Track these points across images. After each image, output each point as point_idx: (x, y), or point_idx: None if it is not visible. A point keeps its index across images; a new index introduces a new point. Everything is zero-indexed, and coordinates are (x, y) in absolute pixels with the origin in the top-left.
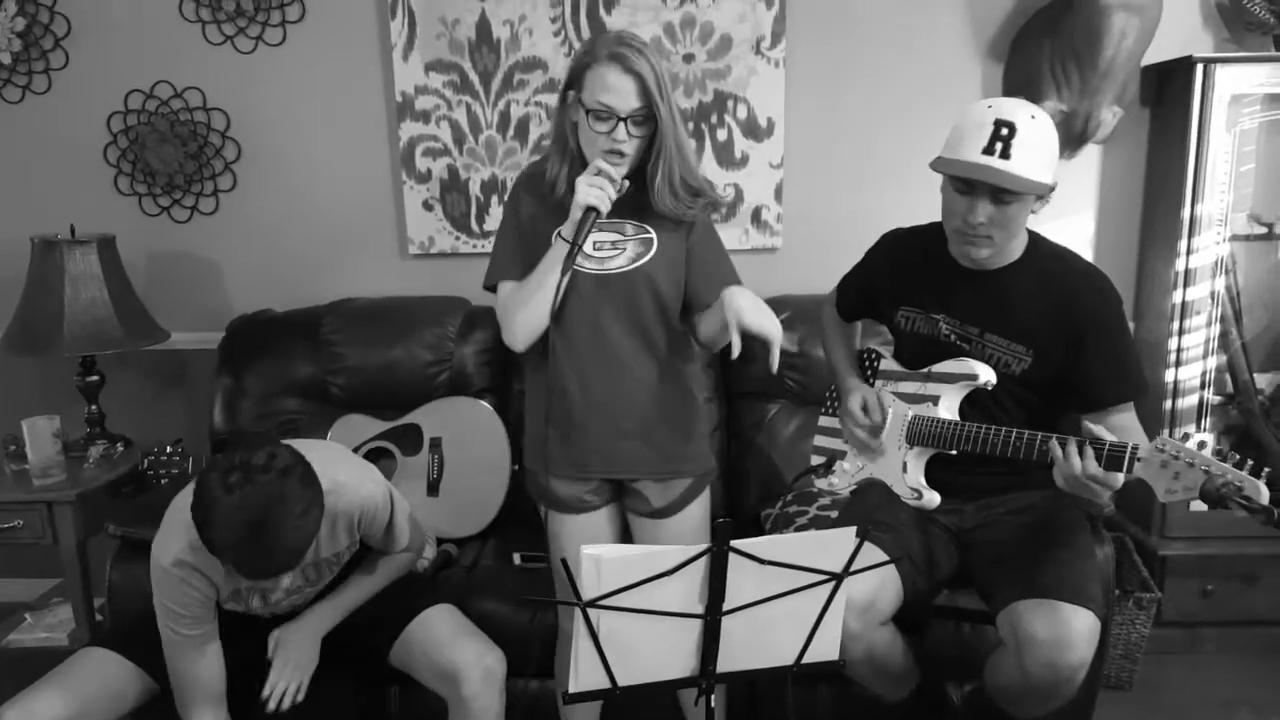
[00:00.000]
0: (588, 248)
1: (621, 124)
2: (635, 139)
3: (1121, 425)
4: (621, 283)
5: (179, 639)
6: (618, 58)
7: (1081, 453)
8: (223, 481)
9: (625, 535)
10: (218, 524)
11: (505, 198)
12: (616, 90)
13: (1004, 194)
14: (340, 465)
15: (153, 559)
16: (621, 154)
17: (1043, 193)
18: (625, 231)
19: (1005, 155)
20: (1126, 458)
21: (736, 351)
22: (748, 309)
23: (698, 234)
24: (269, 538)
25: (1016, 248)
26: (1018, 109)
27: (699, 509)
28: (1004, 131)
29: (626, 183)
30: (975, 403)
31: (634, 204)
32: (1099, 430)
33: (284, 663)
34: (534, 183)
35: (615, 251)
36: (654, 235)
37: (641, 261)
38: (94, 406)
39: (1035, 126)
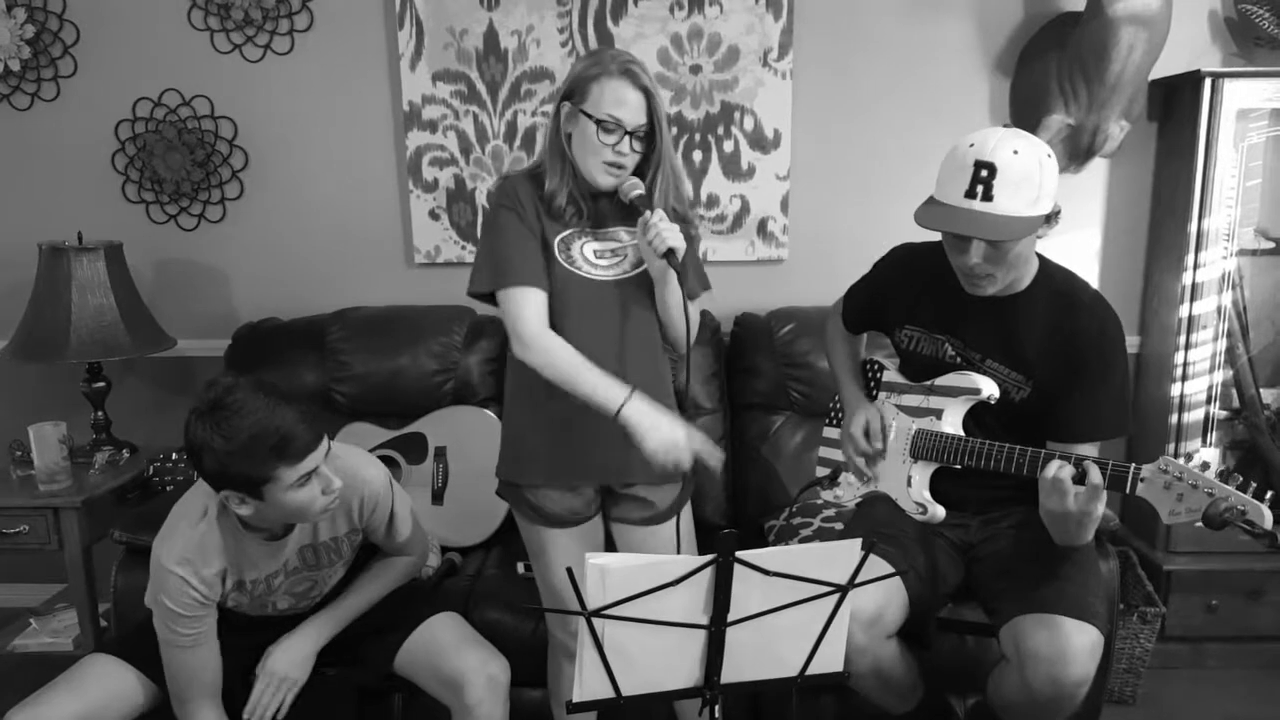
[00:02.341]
0: (589, 255)
1: (628, 138)
2: (635, 155)
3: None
4: (626, 288)
5: (177, 638)
6: (629, 74)
7: (1069, 472)
8: (209, 429)
9: (610, 548)
10: (233, 454)
11: (499, 199)
12: (628, 104)
13: None
14: (337, 451)
15: (154, 559)
16: (622, 166)
17: (1030, 230)
18: (621, 239)
19: (987, 197)
20: (1130, 478)
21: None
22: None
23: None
24: (282, 424)
25: (1026, 275)
26: (1000, 146)
27: (687, 517)
28: (984, 173)
29: None
30: (979, 420)
31: (625, 213)
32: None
33: (268, 680)
34: (530, 181)
35: (616, 259)
36: None
37: (644, 267)
38: (100, 413)
39: (1018, 163)
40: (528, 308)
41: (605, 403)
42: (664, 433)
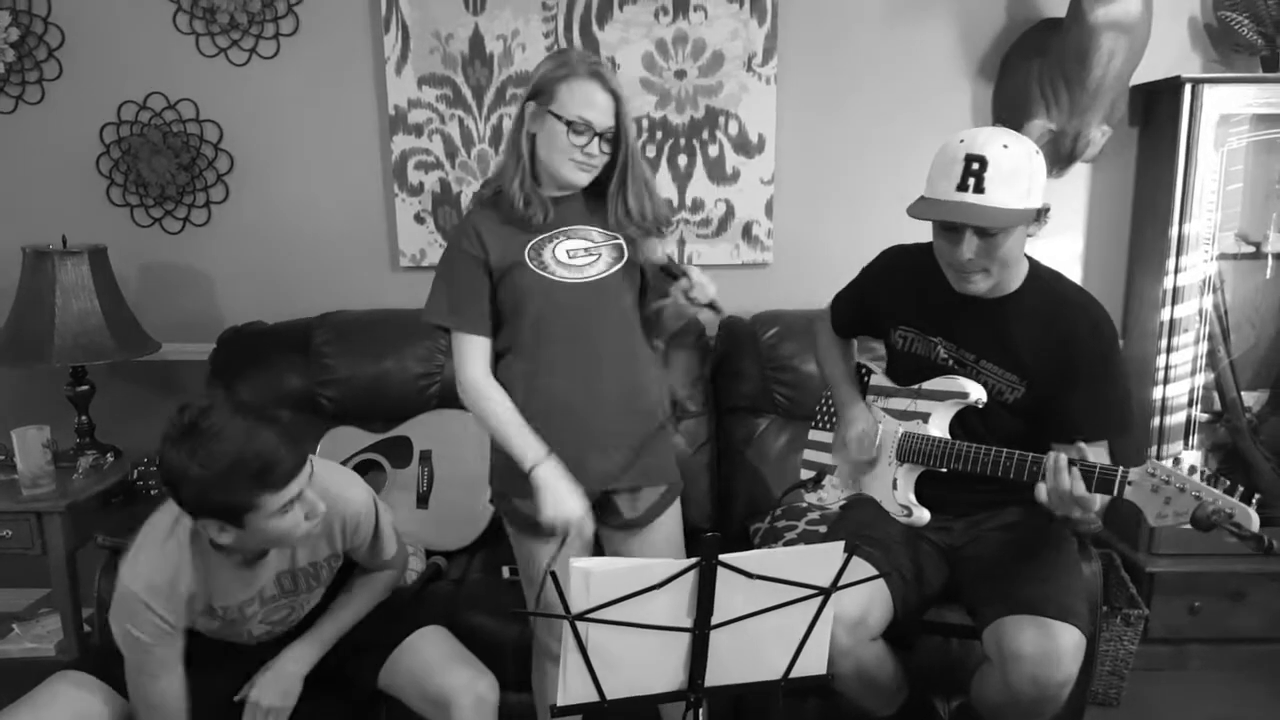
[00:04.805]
0: (561, 256)
1: (597, 139)
2: (604, 156)
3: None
4: (603, 288)
5: (143, 662)
6: (598, 75)
7: (1070, 473)
8: (185, 456)
9: (597, 551)
10: (213, 483)
11: (456, 235)
12: (597, 105)
13: (988, 227)
14: (318, 471)
15: (120, 583)
16: (593, 166)
17: (1023, 221)
18: (594, 239)
19: (979, 190)
20: (1117, 482)
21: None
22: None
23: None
24: (264, 450)
25: (1016, 276)
26: (990, 140)
27: (671, 520)
28: (975, 166)
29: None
30: (964, 423)
31: (589, 210)
32: (1087, 452)
33: (254, 709)
34: (490, 203)
35: (590, 258)
36: (622, 240)
37: (619, 266)
38: (84, 417)
39: (1008, 156)
40: (473, 355)
41: (521, 459)
42: (563, 505)
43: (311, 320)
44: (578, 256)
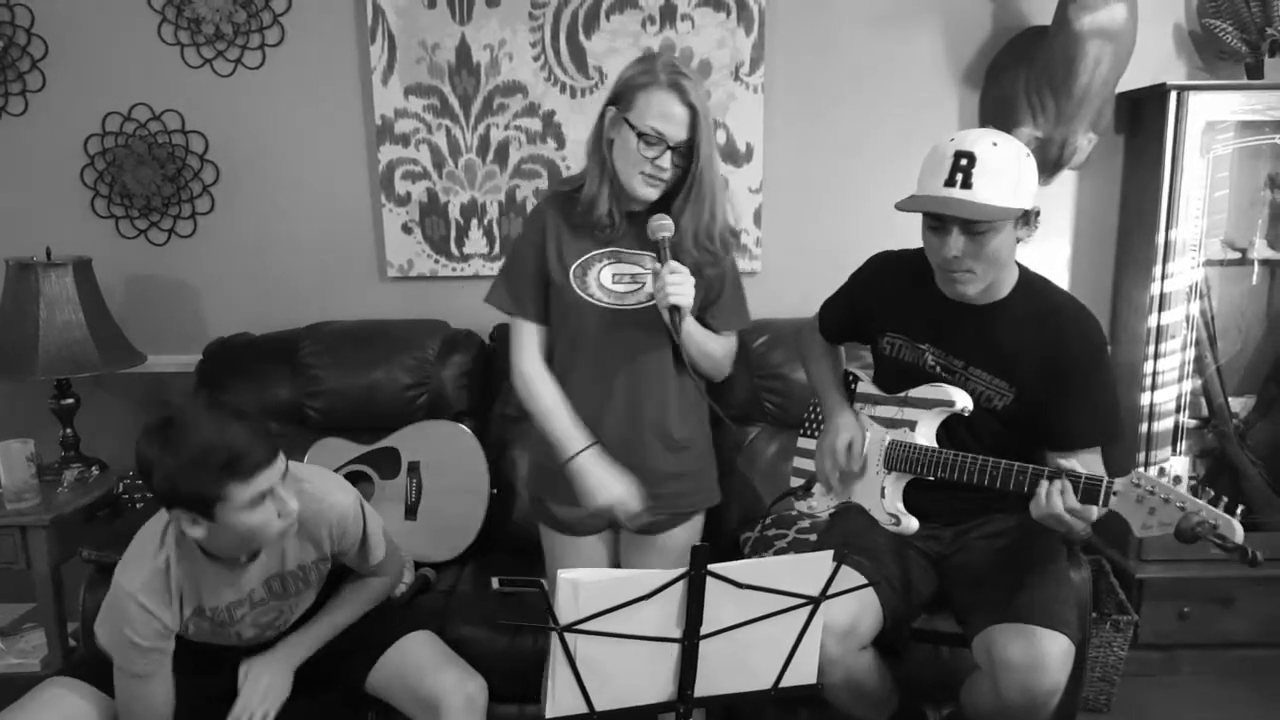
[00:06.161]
0: (605, 280)
1: (669, 152)
2: (676, 169)
3: (1085, 464)
4: (640, 319)
5: (133, 666)
6: (678, 87)
7: (1060, 488)
8: (159, 446)
9: (618, 553)
10: (182, 470)
11: (528, 223)
12: (673, 118)
13: (974, 224)
14: (303, 475)
15: (115, 587)
16: (662, 181)
17: (1010, 218)
18: (644, 265)
19: (966, 185)
20: (1102, 492)
21: None
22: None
23: (716, 269)
24: (233, 441)
25: (1005, 282)
26: (980, 139)
27: (687, 532)
28: (963, 162)
29: None
30: (951, 431)
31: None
32: (1072, 463)
33: (251, 692)
34: (560, 200)
35: (634, 286)
36: None
37: None
38: (69, 430)
39: (996, 154)
40: (530, 344)
41: (560, 449)
42: (604, 490)
43: (299, 331)
44: (622, 282)
